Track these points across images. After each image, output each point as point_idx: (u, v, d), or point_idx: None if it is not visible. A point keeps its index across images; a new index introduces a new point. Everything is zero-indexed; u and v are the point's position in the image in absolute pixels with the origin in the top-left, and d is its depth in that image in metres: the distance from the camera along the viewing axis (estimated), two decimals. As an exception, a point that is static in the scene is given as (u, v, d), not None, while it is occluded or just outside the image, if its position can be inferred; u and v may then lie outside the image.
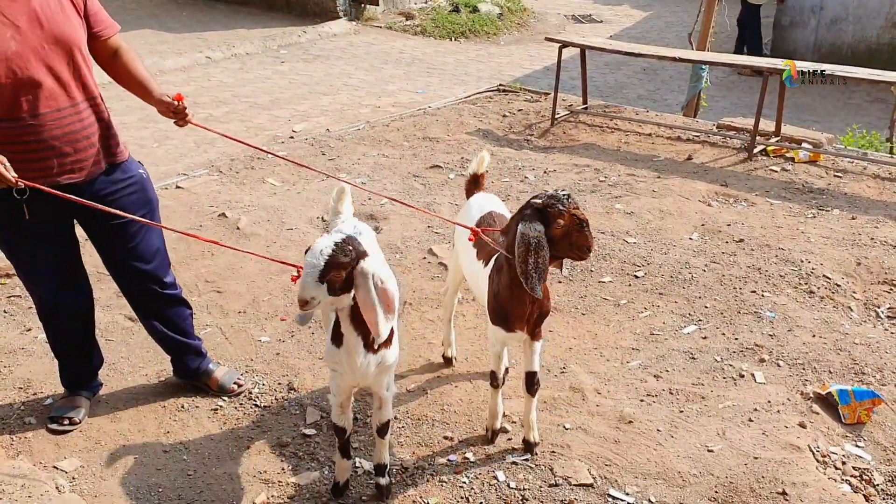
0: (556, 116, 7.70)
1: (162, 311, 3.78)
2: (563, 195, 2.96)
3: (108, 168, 3.41)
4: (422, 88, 9.56)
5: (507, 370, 3.76)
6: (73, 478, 3.37)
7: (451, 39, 12.97)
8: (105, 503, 3.24)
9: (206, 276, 4.98)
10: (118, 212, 3.28)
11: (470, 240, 3.39)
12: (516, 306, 3.17)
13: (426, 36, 12.95)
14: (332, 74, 10.18)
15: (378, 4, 13.39)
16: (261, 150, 4.24)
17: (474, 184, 3.89)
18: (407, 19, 13.51)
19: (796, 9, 11.96)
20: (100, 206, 3.21)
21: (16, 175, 3.03)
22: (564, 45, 7.69)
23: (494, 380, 3.50)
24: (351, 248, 2.71)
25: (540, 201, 2.97)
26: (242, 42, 11.41)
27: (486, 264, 3.39)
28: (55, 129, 3.18)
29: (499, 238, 3.30)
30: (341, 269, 2.69)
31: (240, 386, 3.91)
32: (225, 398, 3.87)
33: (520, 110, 8.15)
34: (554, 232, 2.95)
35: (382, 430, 3.22)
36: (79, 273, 3.62)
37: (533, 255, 2.93)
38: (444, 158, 6.84)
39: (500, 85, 9.18)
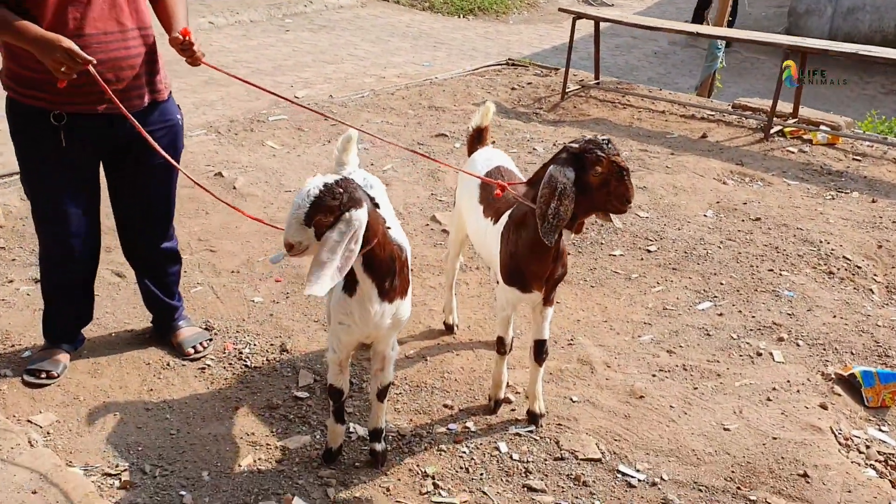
0: (567, 91, 7.47)
1: (154, 263, 3.63)
2: (603, 140, 2.72)
3: (149, 105, 3.26)
4: (428, 62, 9.32)
5: (512, 338, 3.55)
6: (48, 433, 3.16)
7: (459, 16, 12.72)
8: (80, 460, 3.03)
9: (200, 234, 4.77)
10: (162, 151, 3.09)
11: (496, 195, 3.13)
12: (537, 265, 2.95)
13: (434, 12, 12.71)
14: (338, 44, 9.94)
15: (386, -22, 13.14)
16: (277, 95, 3.94)
17: (477, 139, 3.66)
18: (415, -6, 13.26)
19: (812, -3, 11.74)
20: (144, 132, 3.03)
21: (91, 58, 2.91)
22: (578, 16, 7.47)
23: (501, 346, 3.28)
24: (342, 190, 2.45)
25: (577, 146, 2.74)
26: (247, 9, 11.15)
27: (496, 222, 3.17)
28: (99, 52, 3.01)
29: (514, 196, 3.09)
30: (328, 213, 2.43)
31: (197, 350, 3.66)
32: (212, 357, 3.66)
33: (529, 83, 7.92)
34: (591, 179, 2.71)
35: (382, 393, 3.01)
36: (95, 220, 3.45)
37: (556, 201, 2.70)
38: (449, 128, 6.61)
39: (510, 59, 8.94)
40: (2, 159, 5.54)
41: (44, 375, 3.42)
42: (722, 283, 4.42)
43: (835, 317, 4.13)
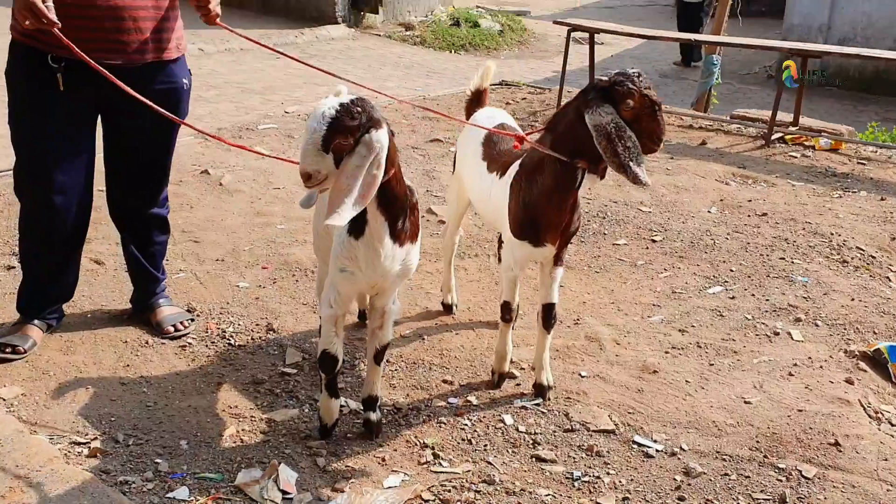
0: (563, 104, 7.33)
1: (141, 229, 3.44)
2: (634, 73, 2.54)
3: (152, 64, 3.07)
4: (420, 87, 9.22)
5: (518, 306, 3.31)
6: (12, 405, 2.89)
7: (450, 51, 12.68)
8: (46, 430, 2.76)
9: (184, 226, 4.54)
10: (158, 108, 2.83)
11: (515, 147, 2.94)
12: (553, 213, 2.74)
13: (426, 47, 12.68)
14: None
15: (378, 13, 13.13)
16: (312, 66, 3.71)
17: (476, 101, 3.49)
18: (406, 30, 13.24)
19: (804, 27, 11.75)
20: (123, 85, 2.79)
21: (56, 20, 2.71)
22: (574, 28, 7.39)
23: (507, 312, 3.05)
24: (360, 110, 2.23)
25: (606, 80, 2.56)
26: (237, 38, 11.05)
27: (502, 175, 2.97)
28: None
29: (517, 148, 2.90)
30: (348, 135, 2.21)
31: (177, 329, 3.42)
32: (193, 336, 3.41)
33: (523, 99, 7.81)
34: (622, 114, 2.52)
35: (380, 354, 2.77)
36: (87, 182, 3.22)
37: (620, 143, 2.50)
38: (444, 134, 6.44)
39: (503, 80, 8.85)
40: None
41: (9, 350, 3.17)
42: (732, 270, 4.22)
43: (853, 300, 3.92)
